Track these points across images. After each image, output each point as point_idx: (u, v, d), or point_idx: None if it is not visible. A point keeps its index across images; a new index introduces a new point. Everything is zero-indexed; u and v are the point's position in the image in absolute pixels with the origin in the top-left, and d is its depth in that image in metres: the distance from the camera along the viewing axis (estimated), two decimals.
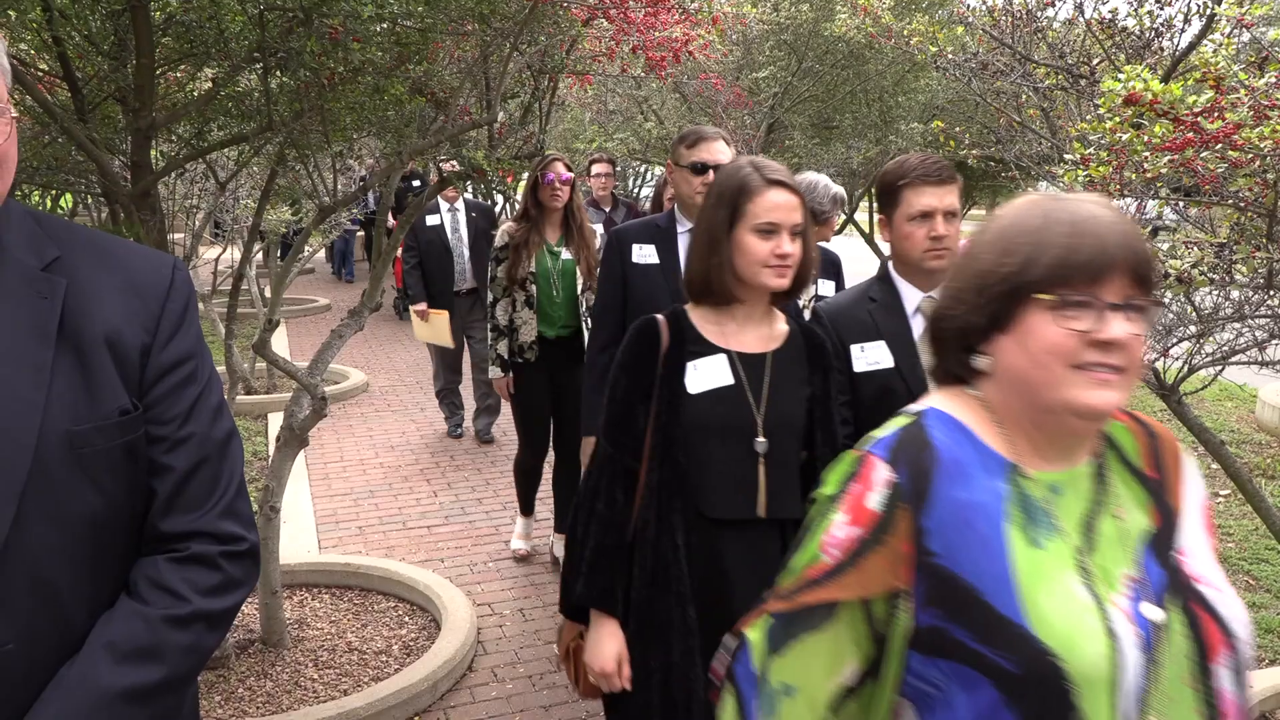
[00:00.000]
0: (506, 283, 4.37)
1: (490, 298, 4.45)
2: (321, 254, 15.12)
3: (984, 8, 3.82)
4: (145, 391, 1.25)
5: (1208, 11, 2.82)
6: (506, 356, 4.42)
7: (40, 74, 3.19)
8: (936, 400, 1.26)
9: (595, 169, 6.29)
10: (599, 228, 5.91)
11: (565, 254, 4.41)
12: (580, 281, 4.39)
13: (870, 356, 2.28)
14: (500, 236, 4.42)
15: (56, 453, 1.15)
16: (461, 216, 6.64)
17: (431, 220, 6.49)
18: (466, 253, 6.60)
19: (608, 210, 6.27)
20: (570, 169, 4.37)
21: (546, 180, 4.31)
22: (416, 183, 10.40)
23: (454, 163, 3.66)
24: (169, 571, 1.25)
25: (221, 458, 1.31)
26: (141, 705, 1.18)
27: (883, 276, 2.39)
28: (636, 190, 18.32)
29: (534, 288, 4.36)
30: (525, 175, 5.38)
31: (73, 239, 1.25)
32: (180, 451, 1.27)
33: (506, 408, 5.24)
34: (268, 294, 8.51)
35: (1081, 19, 3.24)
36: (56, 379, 1.17)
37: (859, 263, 5.33)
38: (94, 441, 1.18)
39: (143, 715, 1.19)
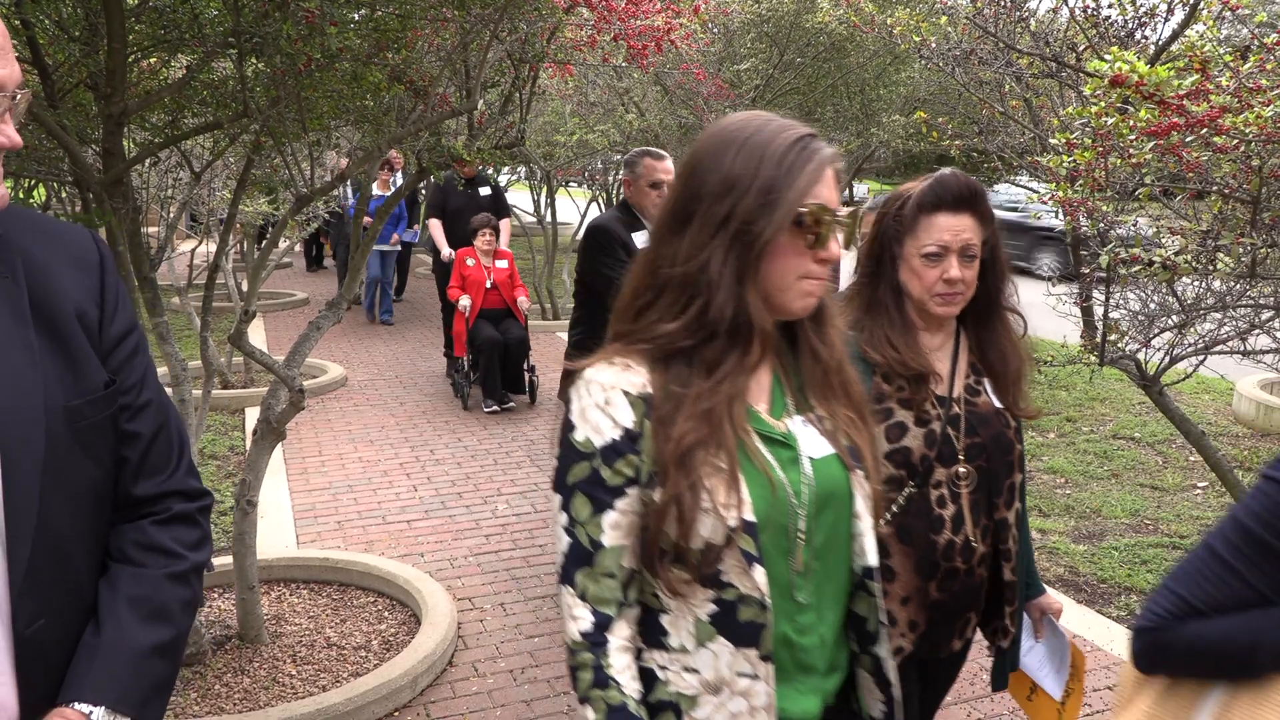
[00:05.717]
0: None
1: (573, 591, 1.30)
2: (299, 249, 14.87)
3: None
4: (103, 363, 1.27)
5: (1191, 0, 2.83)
6: None
7: None
8: None
9: None
10: None
11: (806, 434, 1.39)
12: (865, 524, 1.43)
13: None
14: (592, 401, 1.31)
15: (59, 428, 1.18)
16: None
17: (643, 240, 3.96)
18: None
19: None
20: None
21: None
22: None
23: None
24: (157, 533, 1.30)
25: (170, 420, 1.36)
26: (170, 659, 1.28)
27: None
28: (616, 186, 18.25)
29: (759, 578, 1.29)
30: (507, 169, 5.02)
31: (10, 216, 1.25)
32: (143, 417, 1.30)
33: None
34: (244, 287, 8.44)
35: (1065, 7, 3.23)
36: (42, 356, 1.19)
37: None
38: (88, 414, 1.21)
39: (170, 668, 1.28)
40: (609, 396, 1.28)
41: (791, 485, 1.33)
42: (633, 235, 3.91)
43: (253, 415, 6.78)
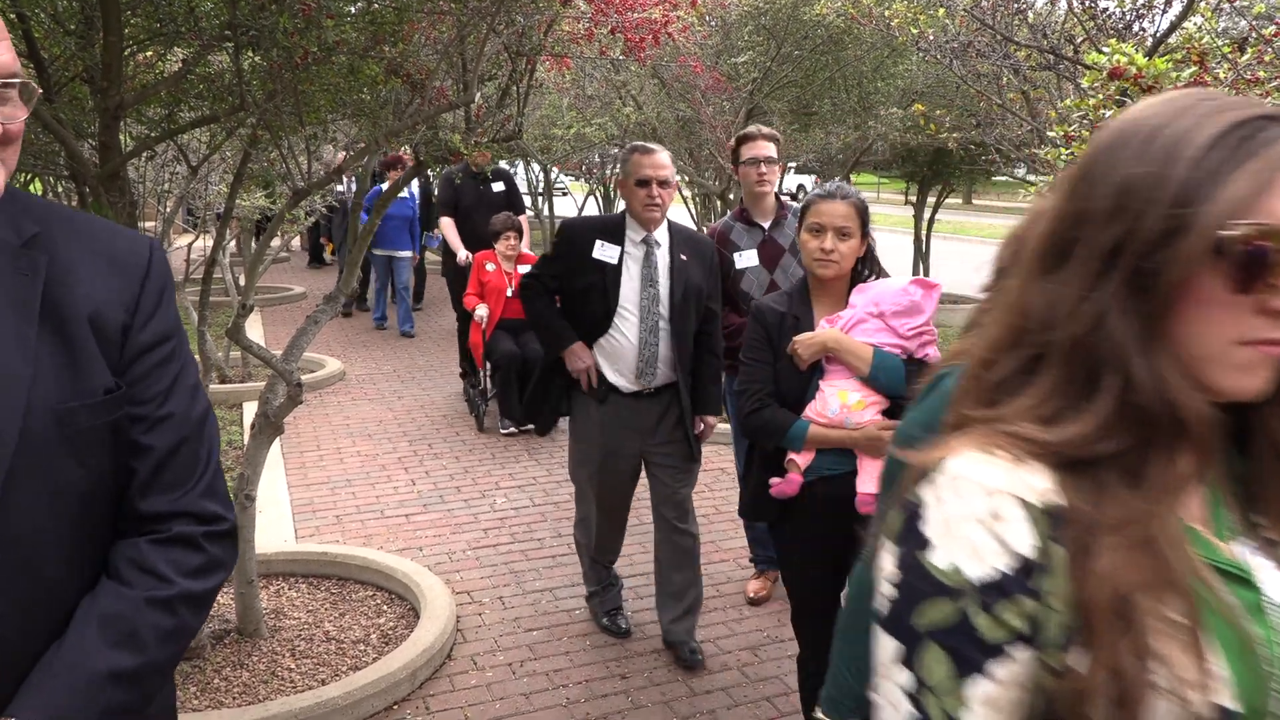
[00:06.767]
0: None
1: None
2: (296, 242, 14.87)
3: None
4: (124, 371, 1.24)
5: None
6: None
7: None
8: None
9: (749, 151, 3.88)
10: (751, 256, 3.92)
11: (1263, 568, 0.93)
12: None
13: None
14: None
15: (43, 429, 1.14)
16: (662, 255, 3.56)
17: (603, 253, 3.55)
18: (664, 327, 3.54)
19: (766, 227, 3.93)
20: None
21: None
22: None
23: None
24: (151, 553, 1.24)
25: (200, 437, 1.30)
26: (129, 687, 1.18)
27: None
28: (613, 179, 18.14)
29: None
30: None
31: (50, 216, 1.24)
32: (160, 431, 1.26)
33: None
34: (242, 281, 8.41)
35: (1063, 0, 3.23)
36: (41, 356, 1.16)
37: None
38: (81, 419, 1.18)
39: (131, 697, 1.19)
40: (996, 507, 0.82)
41: (1266, 647, 0.84)
42: (597, 242, 3.54)
43: (250, 410, 6.77)
